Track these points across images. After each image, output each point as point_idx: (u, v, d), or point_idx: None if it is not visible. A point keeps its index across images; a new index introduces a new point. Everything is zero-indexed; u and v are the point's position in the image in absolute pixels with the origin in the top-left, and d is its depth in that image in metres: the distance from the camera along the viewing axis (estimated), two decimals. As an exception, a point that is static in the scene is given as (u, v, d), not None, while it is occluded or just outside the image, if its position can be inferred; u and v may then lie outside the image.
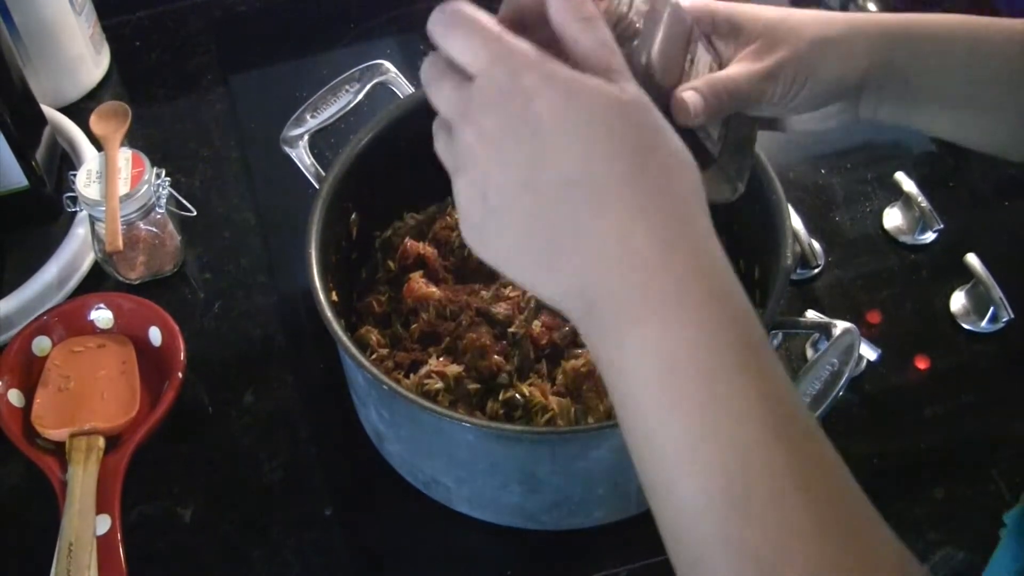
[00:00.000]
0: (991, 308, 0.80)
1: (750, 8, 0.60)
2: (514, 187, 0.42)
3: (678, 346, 0.39)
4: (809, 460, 0.39)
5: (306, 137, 0.77)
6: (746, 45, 0.59)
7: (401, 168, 0.77)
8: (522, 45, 0.42)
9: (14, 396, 0.76)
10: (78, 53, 0.99)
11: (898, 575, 0.38)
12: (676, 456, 0.39)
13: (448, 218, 0.80)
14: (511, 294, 0.74)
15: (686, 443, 0.39)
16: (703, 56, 0.59)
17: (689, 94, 0.56)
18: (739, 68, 0.58)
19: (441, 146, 0.45)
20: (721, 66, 0.60)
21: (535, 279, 0.43)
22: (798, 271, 0.85)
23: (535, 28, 0.45)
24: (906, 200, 0.88)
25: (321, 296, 0.66)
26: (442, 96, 0.44)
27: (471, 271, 0.78)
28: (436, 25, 0.43)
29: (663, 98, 0.57)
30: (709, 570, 0.39)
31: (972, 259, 0.82)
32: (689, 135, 0.57)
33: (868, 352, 0.78)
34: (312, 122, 0.77)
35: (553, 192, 0.41)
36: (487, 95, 0.42)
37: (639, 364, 0.40)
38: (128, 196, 0.80)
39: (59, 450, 0.74)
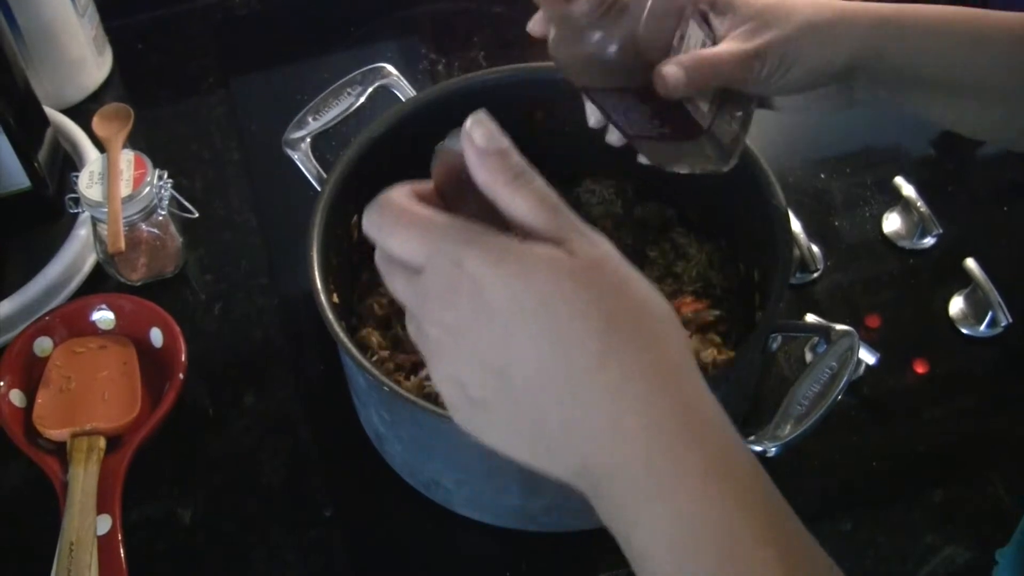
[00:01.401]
0: (990, 312, 0.81)
1: None
2: (489, 379, 0.40)
3: (689, 521, 0.38)
4: None
5: (308, 139, 0.77)
6: (739, 25, 0.59)
7: (402, 171, 0.76)
8: (457, 227, 0.40)
9: (15, 396, 0.77)
10: (80, 55, 0.99)
11: None
12: None
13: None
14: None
15: None
16: (695, 33, 0.59)
17: (670, 68, 0.56)
18: (726, 47, 0.59)
19: (413, 334, 0.43)
20: (714, 43, 0.60)
21: (536, 463, 0.42)
22: (797, 275, 0.85)
23: (471, 191, 0.42)
24: (905, 205, 0.88)
25: (323, 298, 0.66)
26: (397, 290, 0.42)
27: (472, 273, 0.78)
28: (369, 226, 0.42)
29: (647, 71, 0.57)
30: None
31: (971, 264, 0.82)
32: (678, 106, 0.58)
33: (867, 356, 0.78)
34: (314, 124, 0.78)
35: (529, 380, 0.39)
36: (436, 289, 0.40)
37: (653, 541, 0.39)
38: (130, 198, 0.80)
39: (60, 450, 0.74)
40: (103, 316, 0.81)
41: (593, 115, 0.66)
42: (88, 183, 0.81)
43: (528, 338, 0.39)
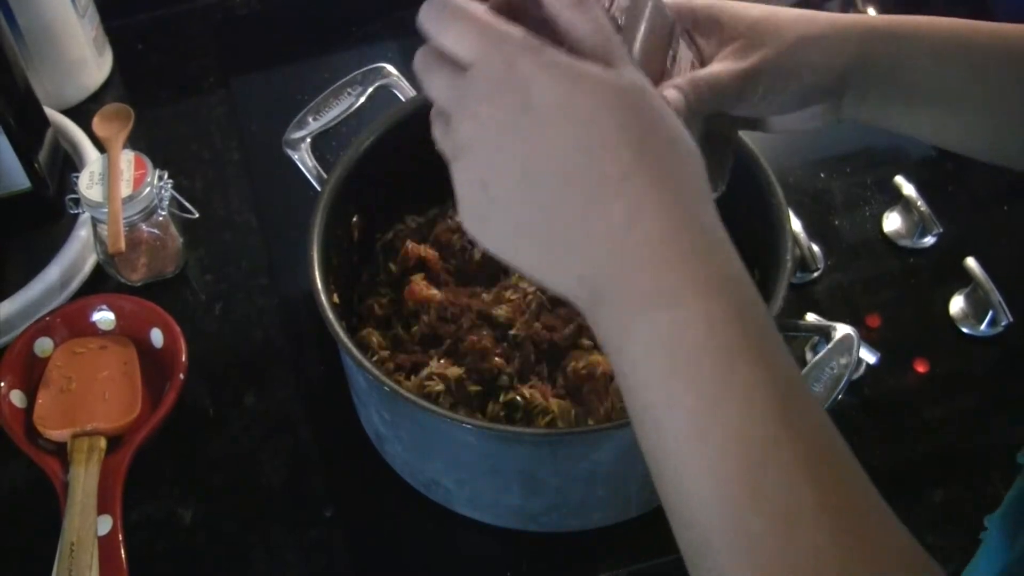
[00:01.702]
0: (990, 312, 0.81)
1: (731, 6, 0.60)
2: (515, 177, 0.41)
3: (687, 332, 0.39)
4: (818, 448, 0.39)
5: (308, 140, 0.77)
6: (728, 43, 0.59)
7: (402, 171, 0.77)
8: (516, 32, 0.42)
9: (16, 397, 0.77)
10: (81, 55, 0.99)
11: (903, 564, 0.38)
12: (685, 442, 0.39)
13: (449, 220, 0.80)
14: (512, 296, 0.75)
15: (695, 429, 0.39)
16: (685, 53, 0.59)
17: (670, 92, 0.56)
18: (721, 66, 0.58)
19: (439, 134, 0.45)
20: (703, 64, 0.60)
21: (540, 268, 0.43)
22: (798, 275, 0.85)
23: (528, 12, 0.44)
24: (905, 204, 0.88)
25: (323, 298, 0.66)
26: (437, 86, 0.43)
27: (472, 274, 0.78)
28: (426, 19, 0.43)
29: None
30: (714, 554, 0.39)
31: (971, 263, 0.82)
32: None
33: (867, 355, 0.78)
34: (314, 125, 0.78)
35: (556, 182, 0.41)
36: (483, 84, 0.41)
37: (648, 351, 0.40)
38: (130, 198, 0.80)
39: (61, 451, 0.74)
40: (103, 316, 0.81)
41: None
42: (88, 183, 0.81)
43: (566, 140, 0.40)
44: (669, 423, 0.40)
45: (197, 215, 0.87)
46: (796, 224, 0.85)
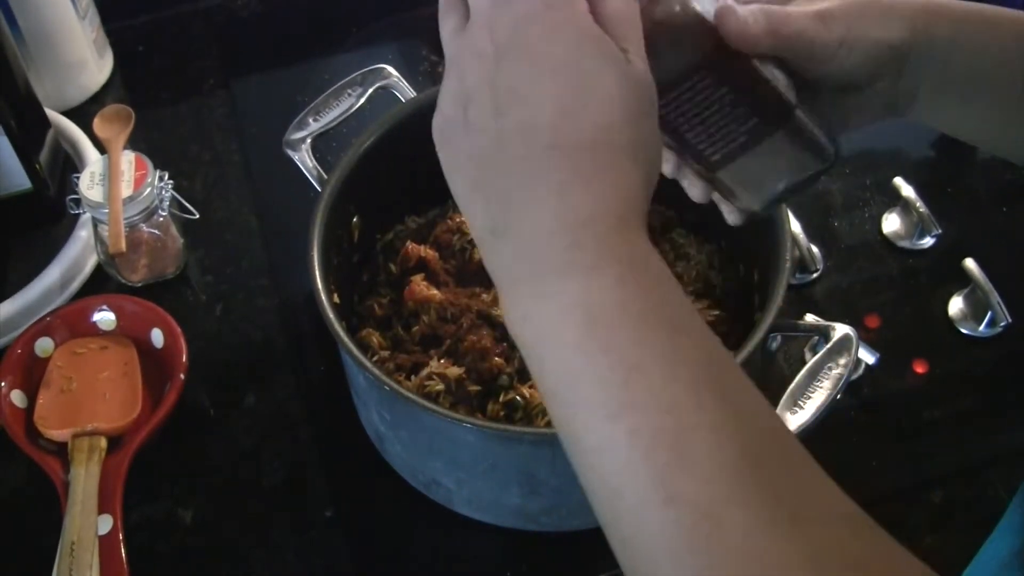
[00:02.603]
0: (989, 313, 0.81)
1: None
2: (502, 107, 0.41)
3: (605, 297, 0.39)
4: (744, 411, 0.38)
5: (308, 140, 0.77)
6: None
7: (402, 171, 0.77)
8: None
9: (17, 397, 0.77)
10: (81, 57, 0.99)
11: (844, 520, 0.37)
12: (605, 408, 0.38)
13: (449, 221, 0.81)
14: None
15: (616, 400, 0.38)
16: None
17: (747, 11, 0.50)
18: (792, 6, 0.53)
19: (448, 29, 0.45)
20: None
21: (470, 199, 0.43)
22: (797, 275, 0.85)
23: None
24: (905, 205, 0.88)
25: (323, 298, 0.67)
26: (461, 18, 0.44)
27: (472, 274, 0.78)
28: None
29: (712, 37, 0.49)
30: (647, 535, 0.38)
31: (970, 264, 0.82)
32: (757, 83, 0.51)
33: (866, 356, 0.79)
34: (314, 126, 0.78)
35: (537, 138, 0.41)
36: (519, 10, 0.42)
37: (563, 315, 0.40)
38: (131, 199, 0.80)
39: (61, 451, 0.75)
40: (104, 317, 0.82)
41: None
42: (89, 184, 0.81)
43: (558, 98, 0.41)
44: (585, 395, 0.39)
45: (197, 216, 0.87)
46: (795, 225, 0.85)
